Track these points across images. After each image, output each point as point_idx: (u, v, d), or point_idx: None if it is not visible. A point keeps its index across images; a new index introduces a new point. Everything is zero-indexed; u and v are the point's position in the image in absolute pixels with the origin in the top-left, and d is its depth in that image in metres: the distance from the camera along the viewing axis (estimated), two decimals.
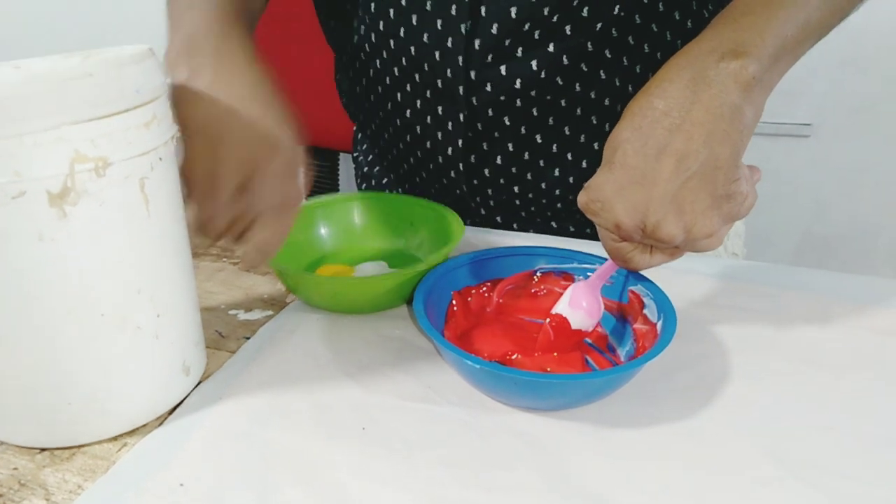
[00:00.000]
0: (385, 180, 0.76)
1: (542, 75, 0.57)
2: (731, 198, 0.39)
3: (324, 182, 1.30)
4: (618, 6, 0.54)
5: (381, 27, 0.59)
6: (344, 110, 0.77)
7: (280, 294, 0.53)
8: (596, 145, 0.62)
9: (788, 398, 0.42)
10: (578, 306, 0.45)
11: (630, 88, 0.59)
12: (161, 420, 0.40)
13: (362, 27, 0.61)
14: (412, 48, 0.58)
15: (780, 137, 1.39)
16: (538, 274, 0.50)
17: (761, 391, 0.42)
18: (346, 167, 1.37)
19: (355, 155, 0.83)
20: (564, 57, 0.56)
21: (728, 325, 0.48)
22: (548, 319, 0.45)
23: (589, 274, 0.47)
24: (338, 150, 1.31)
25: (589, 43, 0.56)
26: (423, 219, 0.58)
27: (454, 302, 0.48)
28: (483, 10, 0.54)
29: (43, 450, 0.38)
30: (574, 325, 0.44)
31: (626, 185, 0.39)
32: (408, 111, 0.63)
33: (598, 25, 0.55)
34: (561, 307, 0.45)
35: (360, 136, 0.81)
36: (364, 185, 0.80)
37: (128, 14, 1.67)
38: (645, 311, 0.45)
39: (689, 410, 0.40)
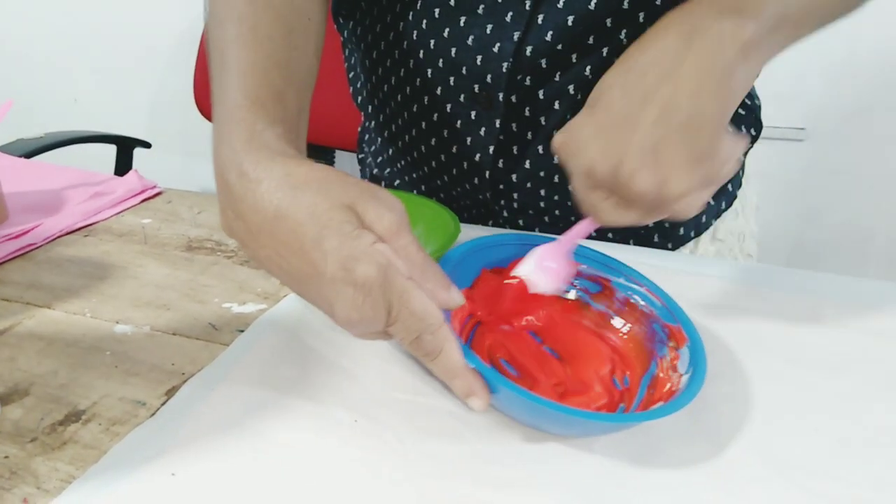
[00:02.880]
0: (398, 182, 0.74)
1: (590, 77, 0.56)
2: (711, 158, 0.37)
3: None
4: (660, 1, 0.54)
5: (423, 25, 0.57)
6: (342, 108, 0.75)
7: (274, 287, 0.53)
8: None
9: (778, 398, 0.42)
10: (544, 268, 0.42)
11: None
12: (153, 411, 0.40)
13: (401, 24, 0.59)
14: (453, 50, 0.57)
15: (773, 141, 1.40)
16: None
17: (751, 391, 0.43)
18: (340, 165, 1.37)
19: (361, 156, 0.81)
20: (615, 59, 0.56)
21: (719, 325, 0.49)
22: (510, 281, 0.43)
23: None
24: (334, 148, 1.31)
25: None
26: (419, 216, 0.58)
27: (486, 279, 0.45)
28: (540, 17, 0.53)
29: (34, 439, 0.38)
30: (536, 289, 0.42)
31: (605, 127, 0.38)
32: (436, 114, 0.62)
33: (647, 27, 0.55)
34: (524, 269, 0.43)
35: (368, 136, 0.79)
36: None
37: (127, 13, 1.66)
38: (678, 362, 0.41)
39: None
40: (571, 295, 0.47)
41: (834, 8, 0.42)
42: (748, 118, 0.66)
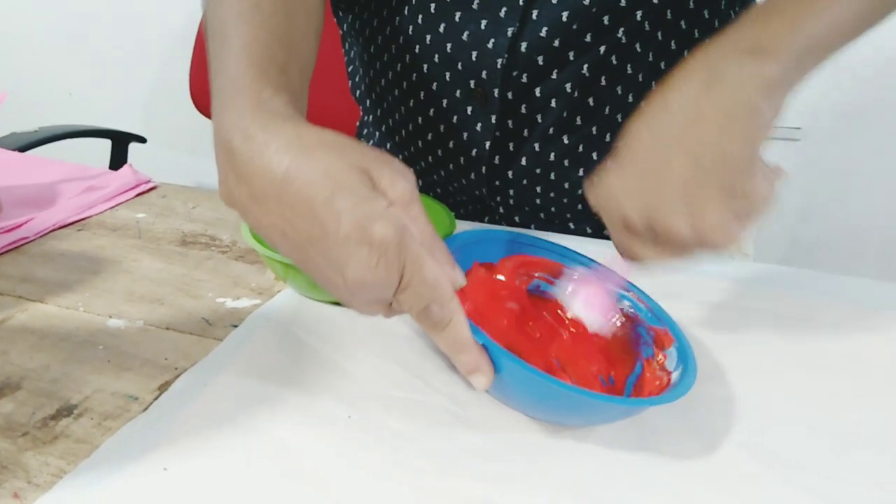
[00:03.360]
0: None
1: (588, 75, 0.56)
2: (744, 195, 0.37)
3: None
4: None
5: (419, 20, 0.57)
6: (338, 105, 0.75)
7: (268, 282, 0.53)
8: None
9: (773, 397, 0.42)
10: (594, 308, 0.43)
11: (653, 84, 0.59)
12: (146, 406, 0.39)
13: (398, 18, 0.59)
14: (448, 45, 0.57)
15: (769, 141, 1.40)
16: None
17: (745, 389, 0.43)
18: None
19: None
20: (613, 58, 0.56)
21: (715, 324, 0.49)
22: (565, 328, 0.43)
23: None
24: None
25: (637, 44, 0.56)
26: None
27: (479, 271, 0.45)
28: (535, 13, 0.53)
29: (25, 433, 0.37)
30: (591, 329, 0.43)
31: (635, 179, 0.38)
32: (433, 109, 0.62)
33: (646, 24, 0.55)
34: (575, 309, 0.43)
35: (367, 130, 0.79)
36: None
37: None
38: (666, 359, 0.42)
39: (672, 406, 0.40)
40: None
41: (865, 21, 0.41)
42: None
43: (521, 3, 0.53)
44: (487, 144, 0.60)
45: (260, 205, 0.35)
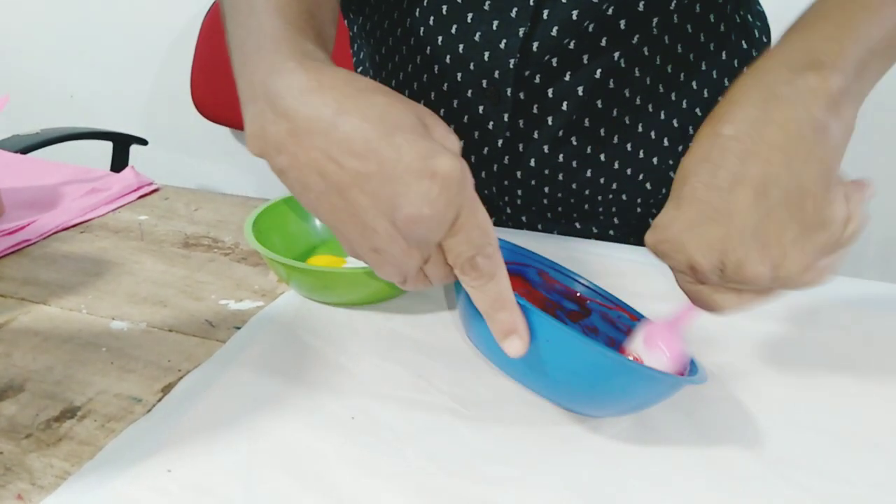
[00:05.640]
0: None
1: (599, 78, 0.56)
2: (825, 225, 0.33)
3: None
4: (674, 2, 0.54)
5: (430, 21, 0.58)
6: None
7: (271, 284, 0.53)
8: (629, 146, 0.62)
9: (773, 398, 0.42)
10: (656, 346, 0.39)
11: (660, 87, 0.60)
12: (149, 407, 0.40)
13: (409, 20, 0.59)
14: (460, 46, 0.57)
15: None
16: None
17: (745, 389, 0.43)
18: None
19: None
20: (622, 61, 0.56)
21: (714, 325, 0.49)
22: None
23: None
24: None
25: (645, 48, 0.56)
26: None
27: None
28: (545, 13, 0.53)
29: (29, 435, 0.37)
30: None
31: (698, 221, 0.34)
32: (443, 109, 0.62)
33: (655, 28, 0.55)
34: (636, 346, 0.40)
35: None
36: None
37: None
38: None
39: (671, 407, 0.41)
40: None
41: None
42: None
43: (531, 2, 0.53)
44: (500, 143, 0.60)
45: (301, 141, 0.33)
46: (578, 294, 0.46)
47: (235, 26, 0.39)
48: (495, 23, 0.55)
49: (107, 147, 1.37)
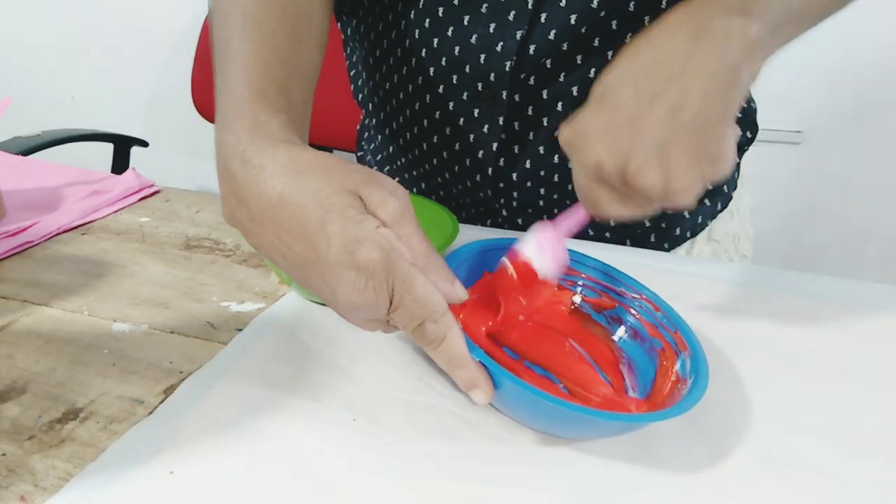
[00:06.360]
0: (397, 179, 0.73)
1: (593, 78, 0.56)
2: (715, 157, 0.37)
3: None
4: (665, 1, 0.54)
5: (426, 24, 0.58)
6: (339, 108, 0.75)
7: (272, 286, 0.53)
8: None
9: (774, 400, 0.42)
10: (546, 252, 0.42)
11: None
12: (151, 409, 0.40)
13: (403, 22, 0.60)
14: (457, 48, 0.57)
15: (770, 144, 1.40)
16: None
17: (747, 392, 0.43)
18: None
19: (360, 154, 0.81)
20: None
21: (715, 326, 0.49)
22: (508, 260, 0.43)
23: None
24: (331, 148, 1.31)
25: None
26: (417, 215, 0.58)
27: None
28: (543, 16, 0.54)
29: (32, 436, 0.38)
30: (540, 274, 0.42)
31: (614, 125, 0.37)
32: (438, 112, 0.62)
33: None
34: (527, 249, 0.42)
35: (368, 134, 0.79)
36: None
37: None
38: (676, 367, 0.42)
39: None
40: (577, 299, 0.48)
41: (828, 6, 0.43)
42: (745, 121, 0.66)
43: (529, 6, 0.53)
44: (495, 146, 0.60)
45: (259, 226, 0.36)
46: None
47: (216, 71, 0.42)
48: (492, 25, 0.55)
49: (108, 149, 1.37)
